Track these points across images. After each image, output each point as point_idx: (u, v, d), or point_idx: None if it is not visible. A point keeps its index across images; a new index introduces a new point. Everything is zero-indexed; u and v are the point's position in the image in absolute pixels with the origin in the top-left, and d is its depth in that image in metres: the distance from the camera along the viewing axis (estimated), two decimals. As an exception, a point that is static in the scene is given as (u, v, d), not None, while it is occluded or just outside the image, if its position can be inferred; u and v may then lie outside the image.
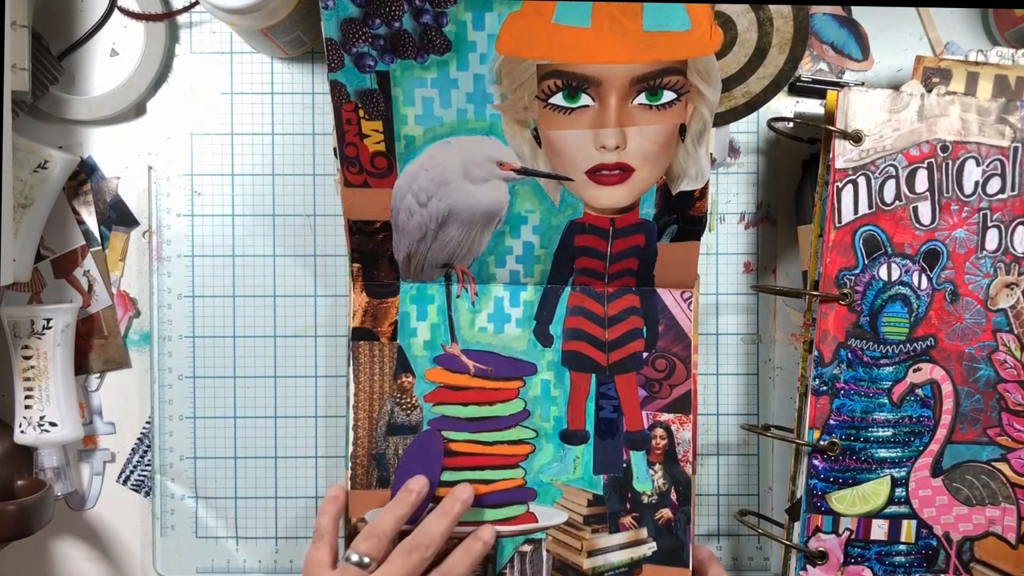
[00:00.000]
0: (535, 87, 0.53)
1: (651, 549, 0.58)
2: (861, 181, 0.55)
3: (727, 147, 0.63)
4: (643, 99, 0.53)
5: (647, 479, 0.59)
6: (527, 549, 0.59)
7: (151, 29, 0.62)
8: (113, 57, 0.62)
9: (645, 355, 0.59)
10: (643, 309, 0.58)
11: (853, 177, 0.55)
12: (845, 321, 0.56)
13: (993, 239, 0.56)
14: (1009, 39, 0.62)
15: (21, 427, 0.61)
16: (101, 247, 0.64)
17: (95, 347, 0.64)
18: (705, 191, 0.55)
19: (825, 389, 0.56)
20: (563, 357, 0.59)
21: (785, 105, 0.63)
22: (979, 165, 0.56)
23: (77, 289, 0.64)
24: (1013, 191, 0.56)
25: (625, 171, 0.55)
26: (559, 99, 0.53)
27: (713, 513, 0.64)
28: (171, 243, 0.63)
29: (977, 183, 0.56)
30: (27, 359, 0.61)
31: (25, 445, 0.62)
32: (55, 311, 0.61)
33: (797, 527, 0.57)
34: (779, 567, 0.59)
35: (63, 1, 0.62)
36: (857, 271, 0.56)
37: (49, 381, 0.61)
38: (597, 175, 0.55)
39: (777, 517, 0.62)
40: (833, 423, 0.56)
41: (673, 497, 0.58)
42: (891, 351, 0.56)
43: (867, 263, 0.56)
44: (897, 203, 0.56)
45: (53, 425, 0.61)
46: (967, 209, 0.56)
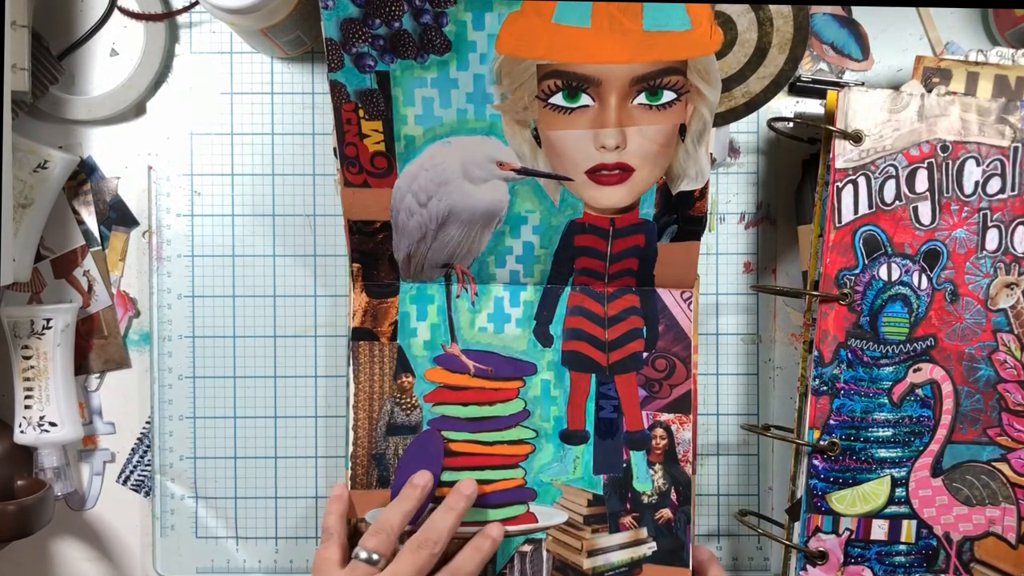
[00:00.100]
0: (535, 87, 0.53)
1: (651, 549, 0.58)
2: (861, 181, 0.55)
3: (727, 147, 0.63)
4: (643, 99, 0.53)
5: (647, 479, 0.59)
6: (527, 549, 0.59)
7: (151, 29, 0.62)
8: (113, 57, 0.62)
9: (645, 355, 0.58)
10: (643, 309, 0.58)
11: (853, 177, 0.55)
12: (845, 321, 0.56)
13: (993, 239, 0.56)
14: (1009, 39, 0.62)
15: (21, 427, 0.61)
16: (101, 247, 0.64)
17: (95, 347, 0.64)
18: (705, 191, 0.55)
19: (825, 389, 0.56)
20: (563, 357, 0.59)
21: (785, 105, 0.63)
22: (979, 165, 0.56)
23: (77, 289, 0.64)
24: (1013, 191, 0.56)
25: (625, 171, 0.55)
26: (559, 99, 0.53)
27: (713, 513, 0.64)
28: (171, 243, 0.63)
29: (977, 183, 0.56)
30: (27, 359, 0.61)
31: (25, 445, 0.62)
32: (55, 311, 0.61)
33: (797, 527, 0.57)
34: (779, 567, 0.59)
35: (63, 1, 0.62)
36: (857, 271, 0.56)
37: (49, 381, 0.61)
38: (597, 175, 0.55)
39: (777, 517, 0.62)
40: (833, 423, 0.56)
41: (673, 497, 0.58)
42: (891, 351, 0.56)
43: (867, 263, 0.56)
44: (897, 203, 0.56)
45: (53, 425, 0.61)
46: (967, 209, 0.56)
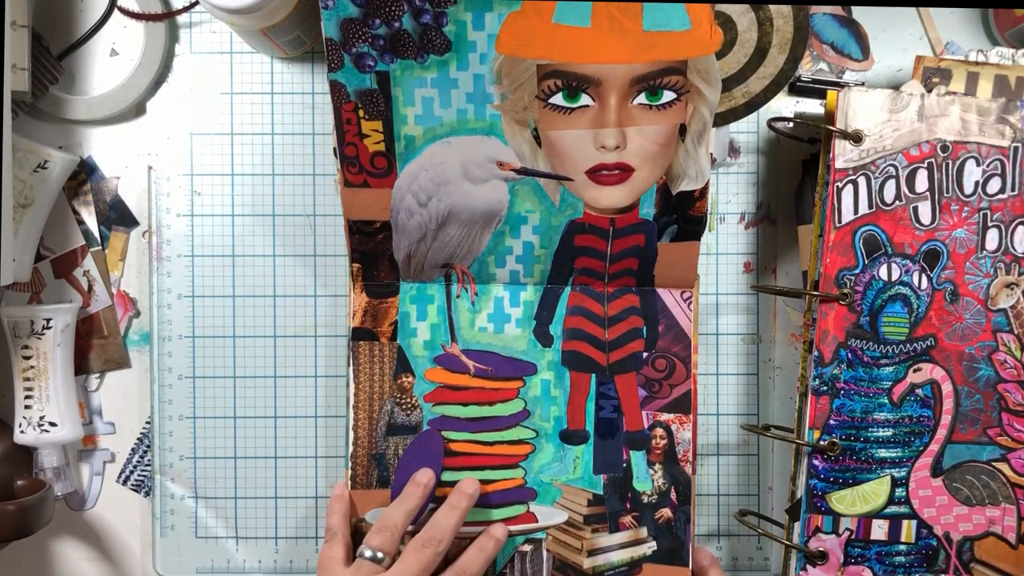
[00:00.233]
0: (535, 87, 0.53)
1: (651, 548, 0.58)
2: (861, 181, 0.55)
3: (727, 147, 0.63)
4: (643, 99, 0.53)
5: (647, 479, 0.59)
6: (527, 549, 0.59)
7: (151, 29, 0.62)
8: (113, 57, 0.62)
9: (645, 355, 0.58)
10: (643, 309, 0.58)
11: (853, 177, 0.55)
12: (845, 321, 0.56)
13: (993, 239, 0.56)
14: (1009, 39, 0.62)
15: (21, 427, 0.61)
16: (101, 247, 0.64)
17: (95, 347, 0.64)
18: (705, 191, 0.55)
19: (825, 389, 0.56)
20: (563, 357, 0.59)
21: (785, 105, 0.63)
22: (979, 165, 0.55)
23: (77, 289, 0.64)
24: (1013, 191, 0.56)
25: (625, 171, 0.55)
26: (559, 99, 0.53)
27: (713, 513, 0.64)
28: (171, 243, 0.63)
29: (977, 183, 0.56)
30: (27, 359, 0.61)
31: (25, 445, 0.62)
32: (55, 311, 0.61)
33: (797, 527, 0.57)
34: (779, 567, 0.59)
35: (63, 1, 0.62)
36: (857, 271, 0.56)
37: (49, 381, 0.61)
38: (597, 175, 0.55)
39: (777, 517, 0.62)
40: (833, 423, 0.56)
41: (673, 497, 0.58)
42: (891, 351, 0.56)
43: (867, 263, 0.56)
44: (897, 203, 0.56)
45: (53, 425, 0.61)
46: (967, 209, 0.56)
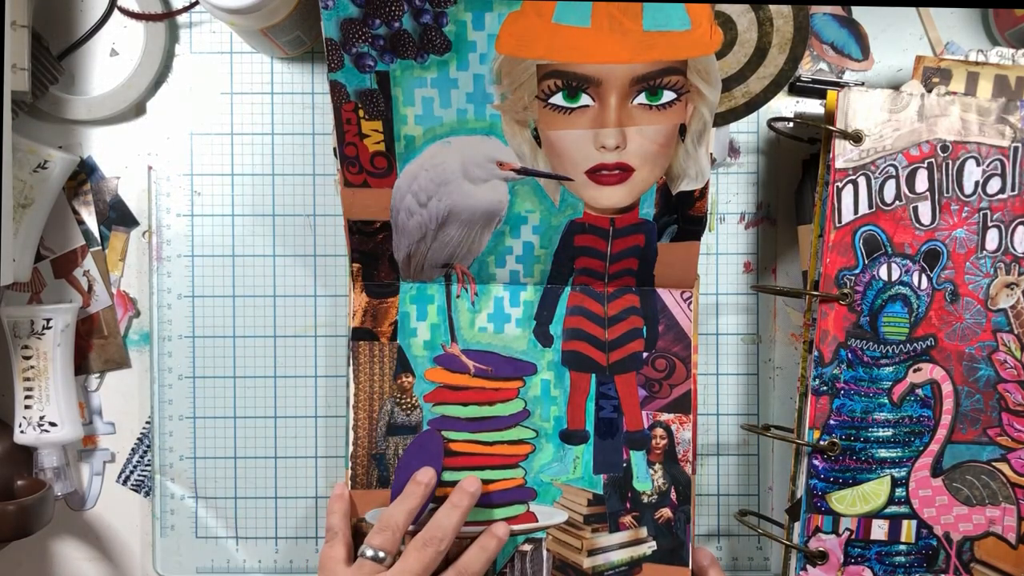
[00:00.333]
0: (535, 87, 0.53)
1: (651, 548, 0.58)
2: (861, 181, 0.55)
3: (727, 147, 0.63)
4: (643, 99, 0.53)
5: (647, 479, 0.59)
6: (527, 548, 0.59)
7: (151, 29, 0.62)
8: (113, 57, 0.62)
9: (645, 355, 0.58)
10: (643, 309, 0.58)
11: (853, 177, 0.55)
12: (845, 321, 0.56)
13: (993, 239, 0.56)
14: (1009, 39, 0.62)
15: (21, 427, 0.61)
16: (101, 247, 0.64)
17: (95, 347, 0.64)
18: (705, 191, 0.55)
19: (825, 389, 0.56)
20: (563, 357, 0.59)
21: (785, 105, 0.63)
22: (979, 165, 0.55)
23: (77, 289, 0.64)
24: (1013, 191, 0.56)
25: (625, 171, 0.55)
26: (559, 99, 0.53)
27: (713, 513, 0.64)
28: (171, 243, 0.63)
29: (977, 183, 0.56)
30: (27, 359, 0.61)
31: (25, 445, 0.62)
32: (55, 311, 0.61)
33: (797, 527, 0.57)
34: (779, 567, 0.59)
35: (63, 1, 0.62)
36: (857, 271, 0.56)
37: (49, 381, 0.61)
38: (597, 175, 0.55)
39: (777, 517, 0.62)
40: (833, 423, 0.56)
41: (673, 497, 0.58)
42: (891, 351, 0.56)
43: (867, 263, 0.56)
44: (897, 203, 0.56)
45: (53, 425, 0.61)
46: (967, 209, 0.56)
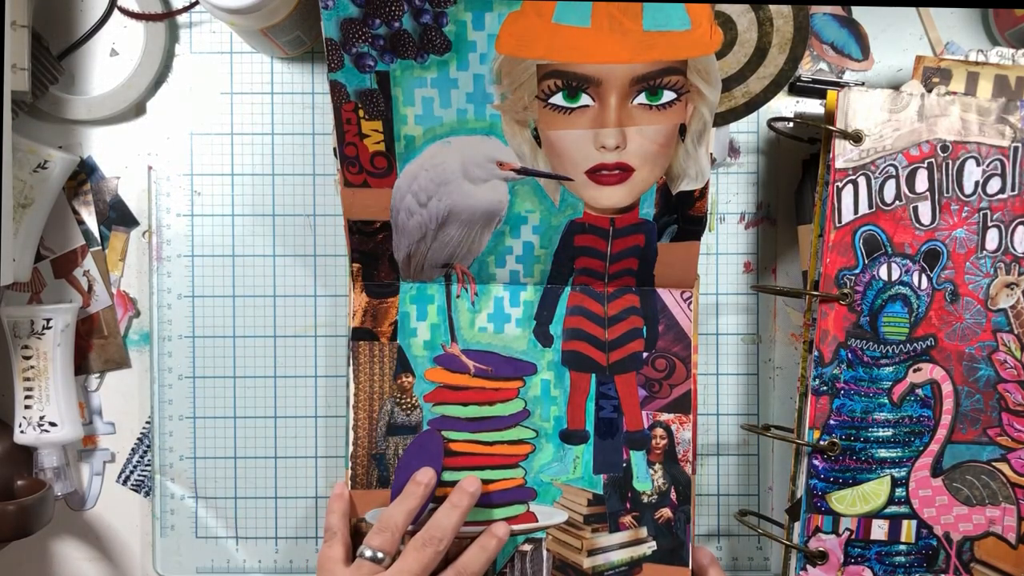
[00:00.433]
0: (535, 87, 0.53)
1: (651, 548, 0.58)
2: (861, 181, 0.55)
3: (727, 147, 0.63)
4: (643, 99, 0.53)
5: (647, 479, 0.59)
6: (527, 548, 0.59)
7: (151, 29, 0.62)
8: (113, 57, 0.62)
9: (645, 355, 0.58)
10: (643, 309, 0.58)
11: (853, 177, 0.55)
12: (845, 321, 0.56)
13: (993, 239, 0.56)
14: (1009, 39, 0.62)
15: (21, 427, 0.61)
16: (101, 247, 0.64)
17: (95, 347, 0.64)
18: (705, 191, 0.55)
19: (825, 389, 0.56)
20: (563, 357, 0.59)
21: (785, 105, 0.63)
22: (979, 165, 0.55)
23: (77, 289, 0.64)
24: (1013, 191, 0.56)
25: (625, 171, 0.55)
26: (559, 99, 0.53)
27: (713, 513, 0.64)
28: (171, 243, 0.63)
29: (977, 183, 0.56)
30: (27, 359, 0.61)
31: (25, 445, 0.62)
32: (55, 311, 0.61)
33: (797, 527, 0.57)
34: (779, 567, 0.59)
35: (63, 1, 0.62)
36: (857, 271, 0.56)
37: (49, 381, 0.61)
38: (597, 175, 0.55)
39: (777, 517, 0.62)
40: (833, 423, 0.56)
41: (673, 497, 0.58)
42: (891, 351, 0.56)
43: (867, 263, 0.56)
44: (897, 203, 0.56)
45: (53, 425, 0.61)
46: (967, 209, 0.56)
